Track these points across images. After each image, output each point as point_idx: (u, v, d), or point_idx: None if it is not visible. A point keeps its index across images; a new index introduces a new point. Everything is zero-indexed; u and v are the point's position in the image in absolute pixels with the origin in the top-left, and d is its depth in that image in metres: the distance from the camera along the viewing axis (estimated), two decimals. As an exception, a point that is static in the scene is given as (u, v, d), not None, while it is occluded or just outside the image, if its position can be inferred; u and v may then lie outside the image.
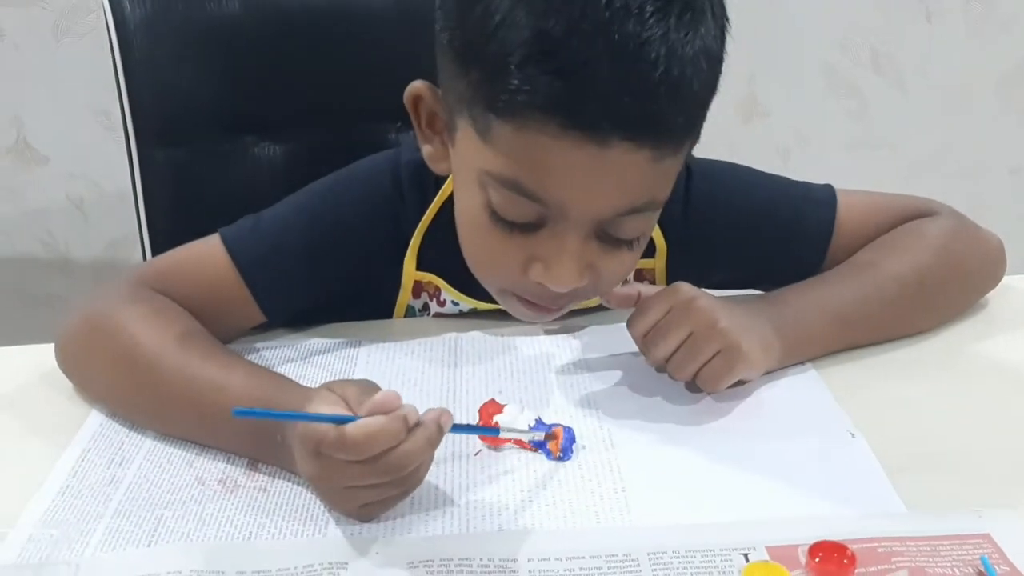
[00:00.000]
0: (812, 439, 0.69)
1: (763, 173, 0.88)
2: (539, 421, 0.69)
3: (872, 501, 0.63)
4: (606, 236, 0.70)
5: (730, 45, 0.68)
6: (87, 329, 0.77)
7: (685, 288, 0.74)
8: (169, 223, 1.18)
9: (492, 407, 0.71)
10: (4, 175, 1.93)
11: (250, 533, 0.62)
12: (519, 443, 0.68)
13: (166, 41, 1.18)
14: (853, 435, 0.69)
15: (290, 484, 0.66)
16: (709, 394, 0.74)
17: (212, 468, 0.68)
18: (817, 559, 0.56)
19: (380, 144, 1.06)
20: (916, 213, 0.86)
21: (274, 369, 0.77)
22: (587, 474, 0.66)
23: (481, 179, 0.69)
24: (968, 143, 2.07)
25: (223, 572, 0.58)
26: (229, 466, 0.69)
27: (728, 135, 2.03)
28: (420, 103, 0.75)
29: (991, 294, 0.88)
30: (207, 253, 0.81)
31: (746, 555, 0.58)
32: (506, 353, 0.82)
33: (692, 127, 0.68)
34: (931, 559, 0.58)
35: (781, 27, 1.94)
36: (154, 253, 1.17)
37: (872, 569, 0.56)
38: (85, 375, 0.77)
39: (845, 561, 0.56)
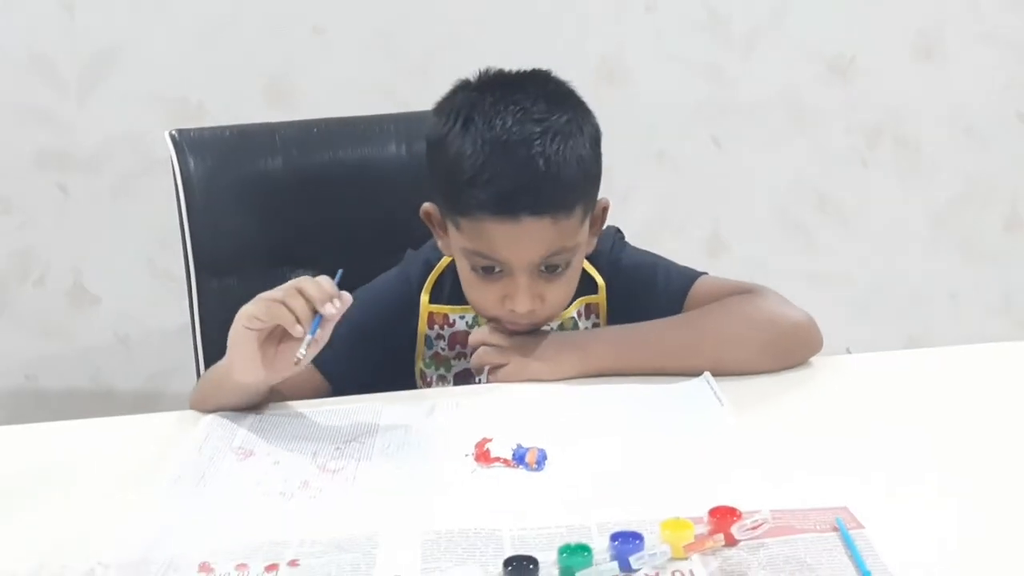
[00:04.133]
0: (716, 447, 0.95)
1: (666, 260, 1.25)
2: (519, 445, 0.93)
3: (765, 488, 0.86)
4: (544, 272, 1.11)
5: (695, 192, 1.00)
6: (197, 393, 1.14)
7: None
8: (222, 343, 1.43)
9: (484, 441, 0.95)
10: (59, 315, 2.16)
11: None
12: (505, 462, 0.92)
13: (222, 191, 1.47)
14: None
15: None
16: None
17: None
18: (715, 518, 0.79)
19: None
20: (742, 291, 1.18)
21: (317, 424, 1.04)
22: (554, 477, 0.90)
23: (464, 252, 1.13)
24: (909, 273, 2.32)
25: None
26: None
27: (697, 267, 2.29)
28: (430, 216, 1.16)
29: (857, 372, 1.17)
30: None
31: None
32: (496, 406, 1.06)
33: (576, 200, 1.10)
34: (800, 521, 0.80)
35: (737, 176, 2.23)
36: (207, 366, 1.41)
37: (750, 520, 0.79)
38: (200, 403, 1.12)
39: (733, 517, 0.78)
